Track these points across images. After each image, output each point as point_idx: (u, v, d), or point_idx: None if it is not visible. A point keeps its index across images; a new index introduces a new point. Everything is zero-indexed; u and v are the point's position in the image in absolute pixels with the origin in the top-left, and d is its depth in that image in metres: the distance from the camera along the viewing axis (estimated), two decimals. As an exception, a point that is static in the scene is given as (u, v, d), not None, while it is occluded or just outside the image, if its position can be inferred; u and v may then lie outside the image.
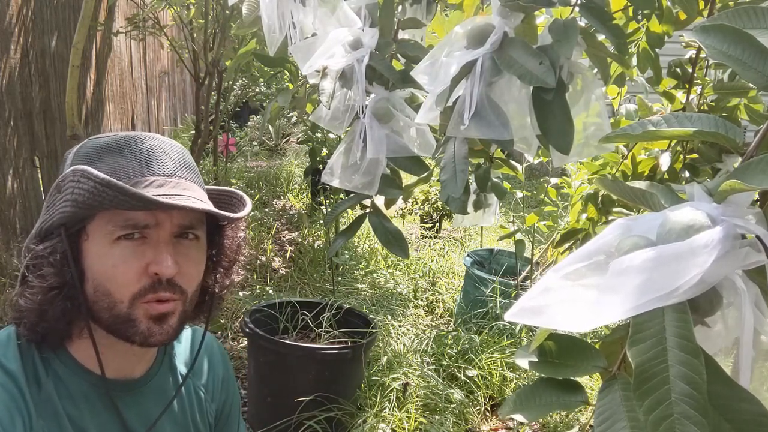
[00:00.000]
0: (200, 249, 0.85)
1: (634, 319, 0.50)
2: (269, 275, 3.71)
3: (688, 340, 0.47)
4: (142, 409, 0.87)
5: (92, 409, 0.82)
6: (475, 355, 2.74)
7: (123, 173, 0.77)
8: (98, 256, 0.77)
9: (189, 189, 0.80)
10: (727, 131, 0.56)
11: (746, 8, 0.57)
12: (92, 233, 0.77)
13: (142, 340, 0.78)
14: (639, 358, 0.48)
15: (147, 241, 0.77)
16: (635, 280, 0.50)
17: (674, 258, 0.49)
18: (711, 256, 0.48)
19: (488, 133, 0.88)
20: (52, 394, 0.78)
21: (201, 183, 0.85)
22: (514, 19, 0.89)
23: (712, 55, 0.56)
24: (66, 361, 0.81)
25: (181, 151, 0.84)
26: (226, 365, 1.05)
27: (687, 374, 0.46)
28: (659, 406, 0.46)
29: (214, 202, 0.86)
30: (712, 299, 0.53)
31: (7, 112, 2.76)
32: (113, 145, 0.80)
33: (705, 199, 0.54)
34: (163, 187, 0.77)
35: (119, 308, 0.77)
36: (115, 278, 0.76)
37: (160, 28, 4.16)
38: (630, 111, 1.79)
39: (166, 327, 0.79)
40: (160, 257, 0.76)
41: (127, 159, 0.78)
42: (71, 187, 0.73)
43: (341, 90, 1.23)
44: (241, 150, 7.15)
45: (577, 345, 0.65)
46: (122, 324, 0.78)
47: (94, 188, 0.71)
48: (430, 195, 4.96)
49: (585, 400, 0.63)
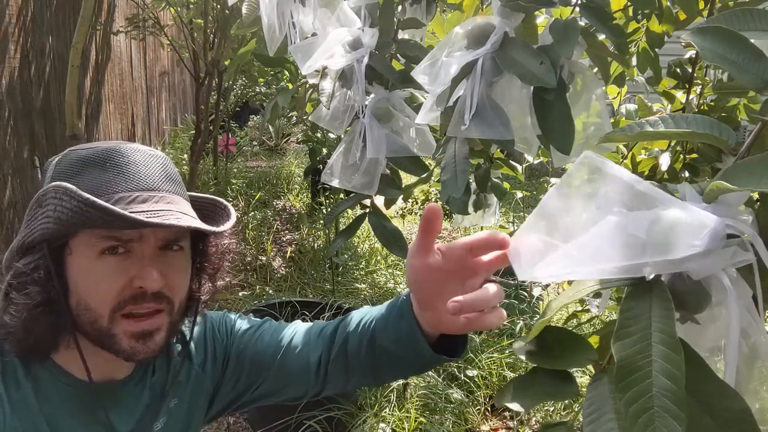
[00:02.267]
0: (185, 259, 0.85)
1: (622, 314, 0.52)
2: (269, 275, 3.71)
3: (671, 335, 0.49)
4: (128, 408, 0.86)
5: (74, 412, 0.81)
6: (475, 355, 2.74)
7: (105, 189, 0.76)
8: (82, 271, 0.77)
9: (173, 203, 0.79)
10: (720, 132, 0.56)
11: (743, 11, 0.58)
12: (76, 248, 0.77)
13: (126, 357, 0.78)
14: (623, 353, 0.49)
15: (131, 255, 0.77)
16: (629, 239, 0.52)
17: (670, 226, 0.51)
18: (705, 237, 0.49)
19: (489, 134, 0.88)
20: (29, 395, 0.78)
21: (184, 194, 0.85)
22: (515, 19, 0.89)
23: (707, 58, 0.56)
24: (48, 366, 0.81)
25: (163, 162, 0.83)
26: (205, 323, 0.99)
27: (669, 369, 0.47)
28: (640, 399, 0.47)
29: (198, 211, 0.86)
30: (699, 296, 0.54)
31: (7, 113, 2.76)
32: (94, 158, 0.79)
33: (696, 198, 0.55)
34: (146, 203, 0.77)
35: (100, 323, 0.77)
36: (97, 293, 0.76)
37: (160, 28, 4.16)
38: (630, 111, 1.79)
39: (152, 345, 0.79)
40: (145, 271, 0.76)
41: (109, 173, 0.77)
42: (53, 204, 0.73)
43: (341, 90, 1.23)
44: (241, 150, 7.15)
45: (571, 338, 0.67)
46: (105, 338, 0.77)
47: (77, 207, 0.70)
48: (430, 195, 4.96)
49: (576, 391, 0.64)
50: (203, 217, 0.86)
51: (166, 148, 6.46)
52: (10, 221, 2.81)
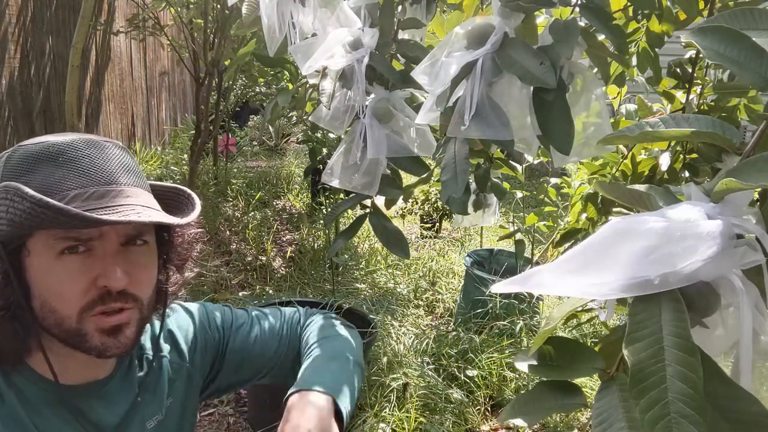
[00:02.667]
0: (150, 253, 0.82)
1: (631, 318, 0.50)
2: (269, 275, 3.71)
3: (685, 338, 0.47)
4: (113, 406, 0.85)
5: (59, 416, 0.80)
6: (475, 355, 2.74)
7: (59, 186, 0.72)
8: (42, 272, 0.73)
9: (132, 196, 0.76)
10: (724, 131, 0.56)
11: (743, 10, 0.57)
12: (33, 249, 0.73)
13: (98, 353, 0.76)
14: (636, 357, 0.48)
15: (93, 253, 0.74)
16: (635, 246, 0.50)
17: (681, 237, 0.49)
18: (712, 246, 0.48)
19: (489, 134, 0.88)
20: (14, 405, 0.76)
21: (145, 184, 0.81)
22: (515, 19, 0.89)
23: (709, 57, 0.56)
24: (25, 373, 0.79)
25: (120, 154, 0.79)
26: (194, 318, 1.00)
27: (684, 373, 0.46)
28: (656, 406, 0.45)
29: (160, 201, 0.83)
30: (709, 298, 0.52)
31: (7, 112, 2.76)
32: (46, 153, 0.74)
33: (702, 198, 0.54)
34: (103, 198, 0.73)
35: (68, 323, 0.74)
36: (61, 294, 0.73)
37: (160, 28, 4.16)
38: (630, 111, 1.79)
39: (123, 339, 0.77)
40: (108, 270, 0.73)
41: (62, 169, 0.73)
42: (5, 205, 0.69)
43: (341, 90, 1.23)
44: (241, 150, 7.15)
45: (575, 347, 0.65)
46: (74, 338, 0.75)
47: (30, 209, 0.67)
48: (430, 195, 4.96)
49: (583, 402, 0.63)
50: (166, 207, 0.83)
51: (166, 148, 6.46)
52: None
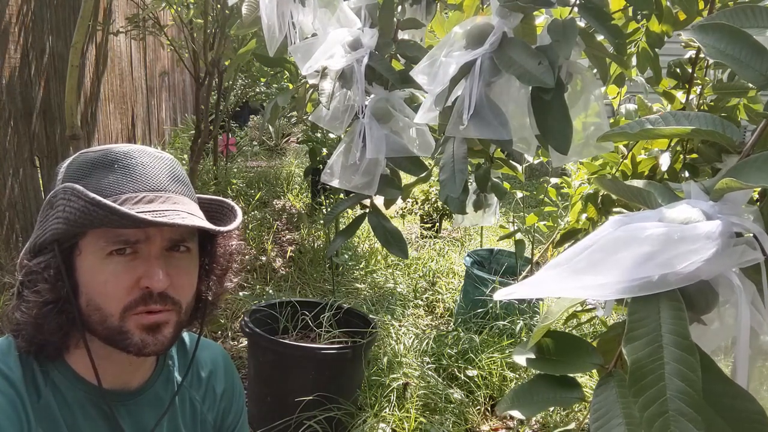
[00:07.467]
0: (192, 260, 0.86)
1: (630, 316, 0.51)
2: (269, 275, 3.71)
3: (683, 337, 0.48)
4: (139, 419, 0.88)
5: (89, 419, 0.83)
6: (475, 355, 2.74)
7: (112, 189, 0.78)
8: (91, 271, 0.78)
9: (179, 203, 0.81)
10: (724, 129, 0.56)
11: (744, 7, 0.57)
12: (85, 249, 0.78)
13: (137, 350, 0.80)
14: (635, 356, 0.48)
15: (138, 255, 0.78)
16: (636, 253, 0.50)
17: (680, 240, 0.49)
18: (711, 248, 0.48)
19: (487, 133, 0.88)
20: (50, 403, 0.80)
21: (192, 194, 0.86)
22: (514, 19, 0.89)
23: (710, 54, 0.56)
24: (64, 371, 0.83)
25: (171, 164, 0.85)
26: (231, 379, 1.05)
27: (682, 371, 0.46)
28: (654, 403, 0.46)
29: (205, 212, 0.87)
30: (707, 296, 0.53)
31: (7, 112, 2.76)
32: (103, 160, 0.81)
33: (702, 197, 0.54)
34: (153, 203, 0.78)
35: (111, 321, 0.78)
36: (106, 293, 0.78)
37: (160, 28, 4.16)
38: (630, 111, 1.79)
39: (161, 337, 0.80)
40: (151, 271, 0.78)
41: (116, 174, 0.79)
42: (62, 204, 0.75)
43: (341, 90, 1.23)
44: (241, 150, 7.15)
45: (574, 342, 0.66)
46: (116, 336, 0.79)
47: (84, 207, 0.72)
48: (430, 195, 4.96)
49: (581, 396, 0.63)
50: (210, 218, 0.88)
51: (166, 148, 6.46)
52: (10, 221, 2.81)
